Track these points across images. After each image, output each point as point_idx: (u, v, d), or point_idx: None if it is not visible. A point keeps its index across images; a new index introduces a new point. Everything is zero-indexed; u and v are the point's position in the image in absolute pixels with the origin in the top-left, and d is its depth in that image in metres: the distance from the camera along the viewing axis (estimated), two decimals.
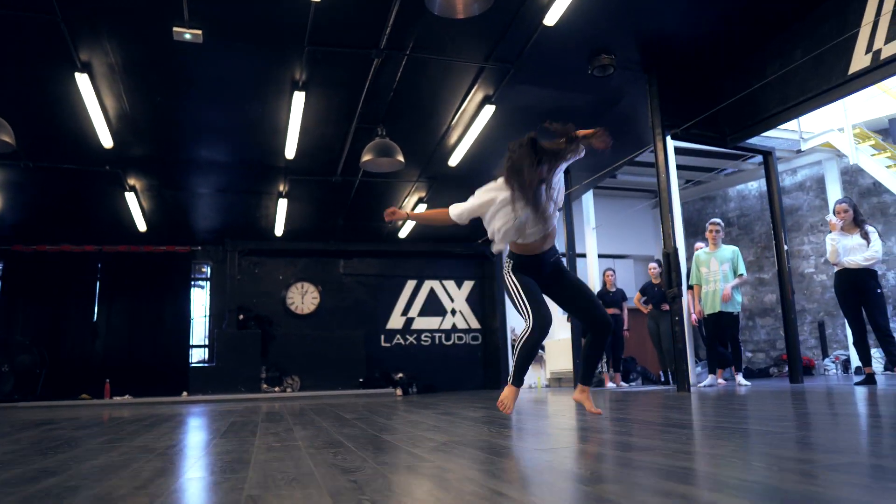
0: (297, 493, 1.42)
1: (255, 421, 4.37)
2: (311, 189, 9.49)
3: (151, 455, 2.32)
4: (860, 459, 1.59)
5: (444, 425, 3.46)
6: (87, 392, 9.99)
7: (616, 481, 1.45)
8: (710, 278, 7.16)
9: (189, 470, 1.93)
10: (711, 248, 7.31)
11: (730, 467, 1.55)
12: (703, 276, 7.26)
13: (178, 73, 6.47)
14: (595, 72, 6.40)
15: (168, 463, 2.11)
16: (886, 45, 5.21)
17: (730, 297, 6.97)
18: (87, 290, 10.90)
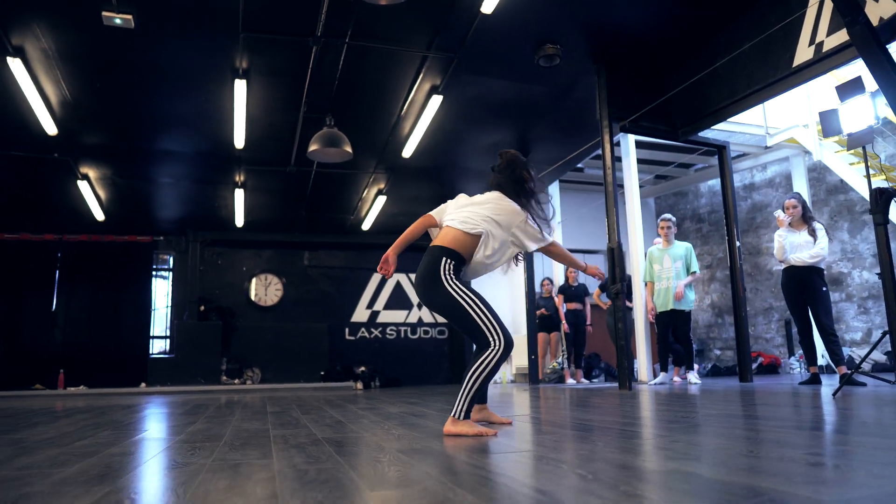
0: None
1: (174, 413, 4.25)
2: (267, 179, 9.34)
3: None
4: (640, 463, 1.46)
5: (382, 420, 3.34)
6: (41, 382, 9.86)
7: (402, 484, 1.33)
8: (663, 275, 7.05)
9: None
10: (664, 244, 7.19)
11: (520, 469, 1.43)
12: (655, 273, 7.15)
13: (116, 60, 6.31)
14: (541, 61, 6.25)
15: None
16: (829, 37, 5.07)
17: (682, 296, 6.85)
18: (46, 280, 10.76)
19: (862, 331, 9.48)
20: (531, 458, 1.86)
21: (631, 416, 3.15)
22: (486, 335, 2.60)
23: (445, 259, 2.69)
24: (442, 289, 2.67)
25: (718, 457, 1.75)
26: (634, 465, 1.64)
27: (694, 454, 1.81)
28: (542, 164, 8.94)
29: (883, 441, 1.89)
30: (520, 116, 7.76)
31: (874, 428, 2.27)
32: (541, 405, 4.53)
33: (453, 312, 2.67)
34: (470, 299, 2.63)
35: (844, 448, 1.81)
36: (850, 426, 2.44)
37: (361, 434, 2.74)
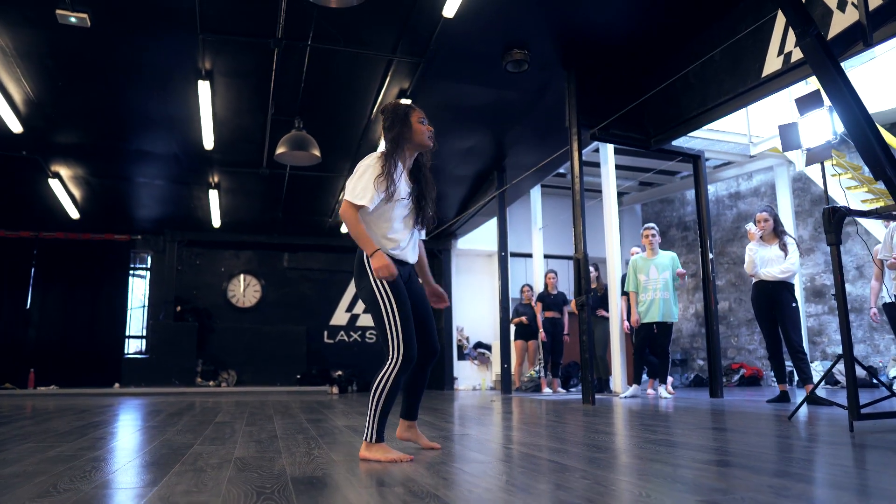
0: None
1: (104, 421, 4.12)
2: (241, 181, 9.23)
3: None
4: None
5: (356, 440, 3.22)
6: (11, 381, 9.75)
7: None
8: (650, 286, 6.86)
9: None
10: (649, 254, 7.02)
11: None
12: (641, 283, 6.96)
13: (78, 59, 6.20)
14: (509, 66, 6.12)
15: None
16: (796, 47, 4.92)
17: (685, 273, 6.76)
18: (21, 277, 10.65)
19: None
20: (420, 495, 1.73)
21: (568, 442, 3.02)
22: (389, 345, 2.48)
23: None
24: (365, 280, 2.57)
25: (604, 497, 1.61)
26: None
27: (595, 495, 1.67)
28: (518, 170, 8.81)
29: (803, 486, 1.75)
30: (493, 121, 7.63)
31: (804, 466, 2.13)
32: (492, 422, 4.40)
33: (371, 309, 2.55)
34: (388, 301, 2.50)
35: (752, 494, 1.67)
36: (783, 462, 2.30)
37: (279, 454, 2.64)
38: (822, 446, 2.75)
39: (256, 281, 11.56)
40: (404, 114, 2.71)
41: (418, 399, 2.83)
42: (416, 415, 2.83)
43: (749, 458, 2.36)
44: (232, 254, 11.56)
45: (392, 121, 2.71)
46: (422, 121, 2.71)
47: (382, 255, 2.49)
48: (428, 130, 2.72)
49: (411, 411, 2.83)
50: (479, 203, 9.77)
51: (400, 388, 2.52)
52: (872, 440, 2.89)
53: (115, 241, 11.06)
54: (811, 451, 2.59)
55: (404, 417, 2.84)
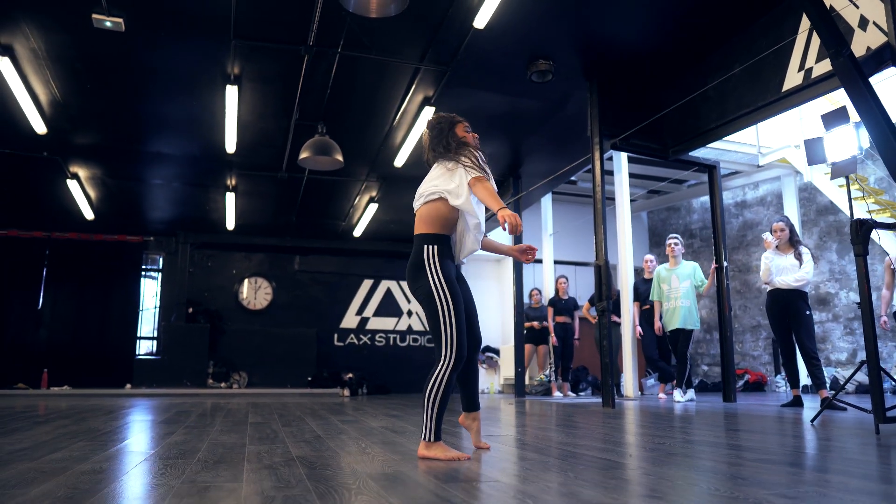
0: None
1: (156, 421, 4.23)
2: (258, 184, 9.33)
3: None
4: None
5: (362, 437, 3.33)
6: (24, 381, 9.80)
7: None
8: (672, 295, 7.14)
9: None
10: (671, 264, 7.28)
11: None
12: (663, 292, 7.24)
13: (107, 63, 6.29)
14: (534, 77, 6.27)
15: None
16: (818, 63, 5.08)
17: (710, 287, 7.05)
18: (33, 277, 10.70)
19: (847, 351, 9.50)
20: (502, 490, 1.85)
21: (611, 441, 3.15)
22: (442, 344, 2.56)
23: (427, 246, 2.64)
24: (424, 277, 2.61)
25: (686, 495, 1.74)
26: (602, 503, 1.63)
27: (662, 491, 1.80)
28: (534, 177, 8.96)
29: (859, 482, 1.88)
30: (512, 129, 7.77)
31: (851, 464, 2.27)
32: (526, 423, 4.52)
33: (428, 308, 2.61)
34: (445, 300, 2.56)
35: (819, 489, 1.80)
36: (826, 461, 2.44)
37: (337, 453, 2.73)
38: (854, 446, 2.88)
39: (267, 283, 11.65)
40: (450, 123, 2.82)
41: (474, 389, 2.92)
42: (476, 405, 2.90)
43: (795, 457, 2.50)
44: (243, 256, 11.66)
45: (438, 133, 2.82)
46: (467, 129, 2.85)
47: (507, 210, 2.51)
48: (473, 139, 2.84)
49: (471, 402, 2.90)
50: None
51: (453, 386, 2.60)
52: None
53: (127, 243, 11.13)
54: (848, 451, 2.72)
55: (467, 410, 2.91)
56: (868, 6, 4.62)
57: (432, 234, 2.67)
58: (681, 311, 7.01)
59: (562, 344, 9.36)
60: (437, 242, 2.65)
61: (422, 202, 2.74)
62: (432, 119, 2.90)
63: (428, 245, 2.64)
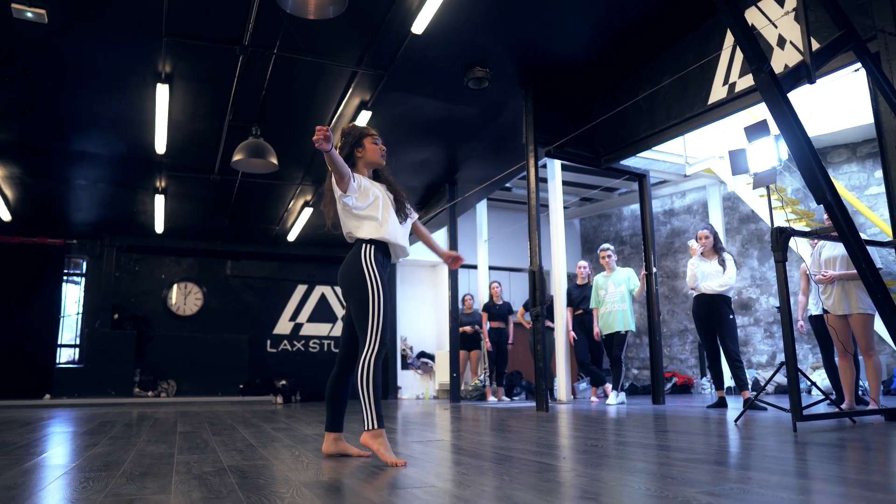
0: None
1: (79, 433, 4.04)
2: (189, 186, 9.07)
3: None
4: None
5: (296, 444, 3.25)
6: None
7: None
8: (609, 300, 7.42)
9: None
10: (607, 272, 7.57)
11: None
12: (601, 298, 7.51)
13: (28, 55, 5.99)
14: (470, 84, 6.32)
15: None
16: (741, 77, 5.33)
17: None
18: None
19: (768, 353, 9.95)
20: (438, 495, 1.86)
21: (544, 444, 3.20)
22: (367, 333, 2.69)
23: (365, 245, 2.80)
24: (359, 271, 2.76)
25: (618, 496, 1.79)
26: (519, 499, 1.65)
27: (595, 492, 1.84)
28: (470, 183, 9.03)
29: (778, 478, 1.97)
30: (448, 135, 7.82)
31: (770, 461, 2.37)
32: (461, 428, 4.55)
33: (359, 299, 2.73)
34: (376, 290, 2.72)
35: (741, 486, 1.88)
36: (748, 459, 2.54)
37: (270, 462, 2.68)
38: (774, 444, 3.02)
39: (198, 288, 11.33)
40: (359, 135, 2.95)
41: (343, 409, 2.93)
42: (341, 427, 2.92)
43: (720, 456, 2.61)
44: (173, 260, 11.30)
45: (343, 142, 2.95)
46: (375, 141, 2.97)
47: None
48: (381, 150, 2.97)
49: (338, 425, 2.90)
50: (427, 214, 9.93)
51: (380, 371, 2.70)
52: (814, 438, 3.20)
53: (48, 245, 10.61)
54: (768, 449, 2.85)
55: (331, 430, 2.89)
56: (785, 27, 4.88)
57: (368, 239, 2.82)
58: (618, 314, 7.32)
59: (496, 349, 9.46)
60: (373, 243, 2.81)
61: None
62: (346, 128, 3.03)
63: (365, 244, 2.80)
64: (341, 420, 2.93)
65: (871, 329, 4.79)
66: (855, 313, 4.77)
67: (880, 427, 3.77)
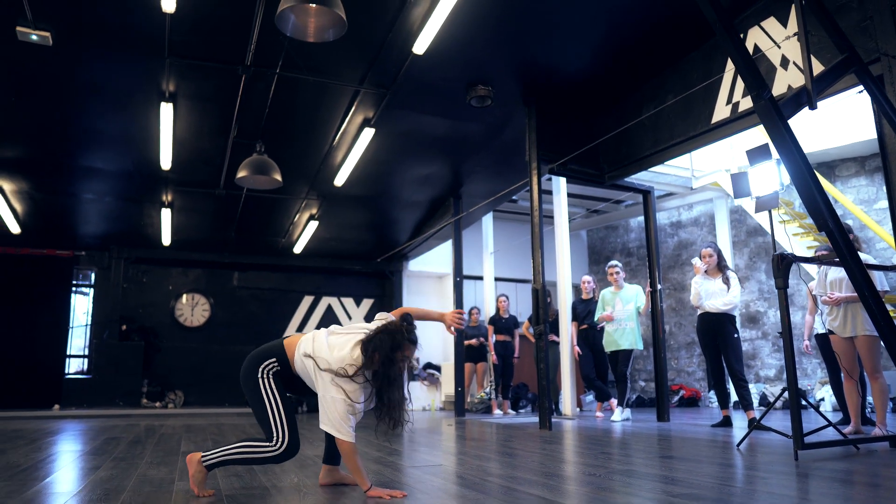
0: None
1: (82, 452, 4.06)
2: (195, 200, 9.13)
3: None
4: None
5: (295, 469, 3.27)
6: None
7: None
8: (617, 317, 7.41)
9: None
10: (615, 288, 7.56)
11: None
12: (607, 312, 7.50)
13: (34, 76, 6.07)
14: (473, 102, 6.33)
15: None
16: (744, 97, 5.30)
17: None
18: None
19: (776, 367, 9.87)
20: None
21: (547, 473, 3.18)
22: (274, 430, 2.58)
23: (268, 362, 2.71)
24: (252, 379, 2.67)
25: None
26: None
27: None
28: (474, 198, 9.04)
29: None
30: (452, 151, 7.83)
31: (773, 500, 2.34)
32: (465, 450, 4.53)
33: (255, 400, 2.65)
34: (271, 394, 2.63)
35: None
36: (749, 498, 2.51)
37: (268, 491, 2.72)
38: (773, 476, 2.99)
39: (205, 300, 11.38)
40: (397, 345, 2.62)
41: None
42: (337, 460, 2.89)
43: (722, 493, 2.58)
44: (180, 272, 11.36)
45: (380, 344, 2.62)
46: (405, 358, 2.65)
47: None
48: (401, 371, 2.65)
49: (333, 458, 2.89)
50: (432, 228, 9.94)
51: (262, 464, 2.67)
52: (817, 469, 3.17)
53: (57, 257, 10.70)
54: (771, 484, 2.81)
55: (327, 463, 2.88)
56: (789, 47, 4.85)
57: (282, 359, 2.73)
58: (626, 332, 7.32)
59: (502, 362, 9.44)
60: (279, 364, 2.71)
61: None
62: (391, 326, 2.70)
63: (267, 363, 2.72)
64: (334, 454, 2.91)
65: (876, 351, 4.75)
66: (861, 335, 4.73)
67: (885, 455, 3.73)
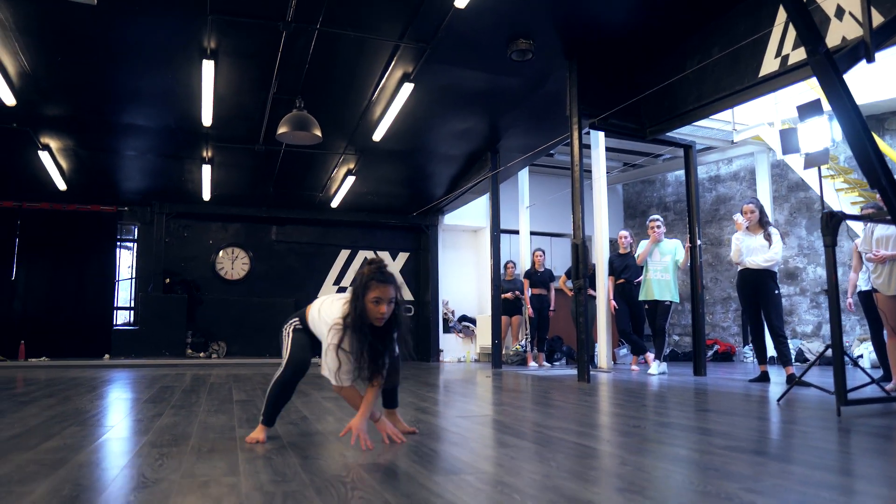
0: None
1: (139, 399, 4.28)
2: (235, 156, 9.24)
3: None
4: None
5: (313, 417, 3.43)
6: (2, 353, 9.72)
7: None
8: (653, 268, 7.48)
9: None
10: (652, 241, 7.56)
11: None
12: (647, 265, 7.54)
13: (79, 35, 6.14)
14: (514, 55, 6.27)
15: None
16: (794, 50, 5.17)
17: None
18: (5, 248, 10.50)
19: (813, 324, 9.82)
20: (488, 482, 1.94)
21: (587, 423, 3.28)
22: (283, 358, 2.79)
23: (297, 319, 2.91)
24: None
25: (662, 489, 1.85)
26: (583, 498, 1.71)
27: (640, 484, 1.90)
28: (511, 153, 9.01)
29: (820, 475, 2.00)
30: (490, 106, 7.78)
31: (813, 453, 2.39)
32: (503, 400, 4.65)
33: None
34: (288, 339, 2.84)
35: (782, 483, 1.92)
36: (790, 449, 2.57)
37: (326, 438, 2.82)
38: (815, 430, 3.04)
39: (244, 253, 11.63)
40: (363, 287, 2.53)
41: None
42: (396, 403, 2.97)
43: (762, 445, 2.64)
44: (220, 226, 11.59)
45: (353, 290, 2.59)
46: (377, 300, 2.51)
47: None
48: (379, 313, 2.52)
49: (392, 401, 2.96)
50: (469, 182, 9.95)
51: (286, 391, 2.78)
52: (859, 425, 3.21)
53: (101, 213, 10.97)
54: (811, 437, 2.86)
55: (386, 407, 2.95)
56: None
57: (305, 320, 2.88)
58: (662, 283, 7.36)
59: (537, 315, 9.56)
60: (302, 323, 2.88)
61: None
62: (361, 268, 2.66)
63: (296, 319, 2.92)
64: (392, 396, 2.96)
65: None
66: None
67: None
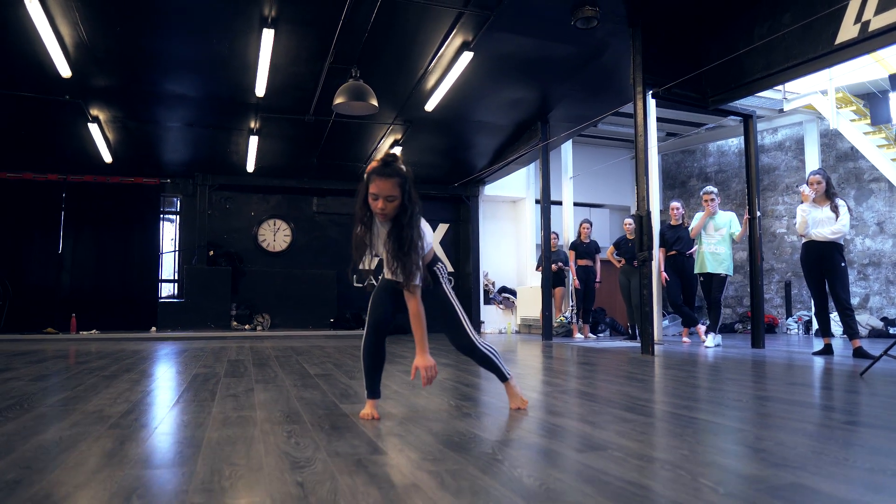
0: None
1: (217, 374, 4.35)
2: (282, 127, 9.22)
3: (103, 428, 2.39)
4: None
5: (406, 391, 3.48)
6: (53, 326, 9.88)
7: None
8: (708, 241, 7.45)
9: (134, 462, 1.87)
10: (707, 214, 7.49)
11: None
12: (702, 238, 7.52)
13: (138, 4, 6.12)
14: (578, 23, 6.16)
15: (117, 444, 2.10)
16: (876, 16, 5.04)
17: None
18: (51, 221, 10.59)
19: (860, 296, 9.74)
20: (646, 459, 1.89)
21: (688, 397, 3.27)
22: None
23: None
24: None
25: (831, 469, 1.82)
26: (747, 472, 1.70)
27: (797, 462, 1.86)
28: (560, 122, 8.92)
29: None
30: (546, 75, 7.69)
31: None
32: (579, 373, 4.66)
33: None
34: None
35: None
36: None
37: (427, 414, 2.79)
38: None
39: (286, 225, 11.67)
40: (366, 180, 2.51)
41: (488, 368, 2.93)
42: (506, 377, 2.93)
43: (877, 419, 2.61)
44: (260, 198, 11.61)
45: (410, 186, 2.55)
46: (374, 196, 2.48)
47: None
48: (377, 208, 2.51)
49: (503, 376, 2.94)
50: (515, 153, 9.88)
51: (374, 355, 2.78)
52: None
53: (144, 185, 11.02)
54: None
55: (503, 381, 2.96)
56: None
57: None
58: (710, 256, 7.35)
59: (583, 287, 9.54)
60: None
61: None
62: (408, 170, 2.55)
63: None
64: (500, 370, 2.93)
65: None
66: None
67: None
